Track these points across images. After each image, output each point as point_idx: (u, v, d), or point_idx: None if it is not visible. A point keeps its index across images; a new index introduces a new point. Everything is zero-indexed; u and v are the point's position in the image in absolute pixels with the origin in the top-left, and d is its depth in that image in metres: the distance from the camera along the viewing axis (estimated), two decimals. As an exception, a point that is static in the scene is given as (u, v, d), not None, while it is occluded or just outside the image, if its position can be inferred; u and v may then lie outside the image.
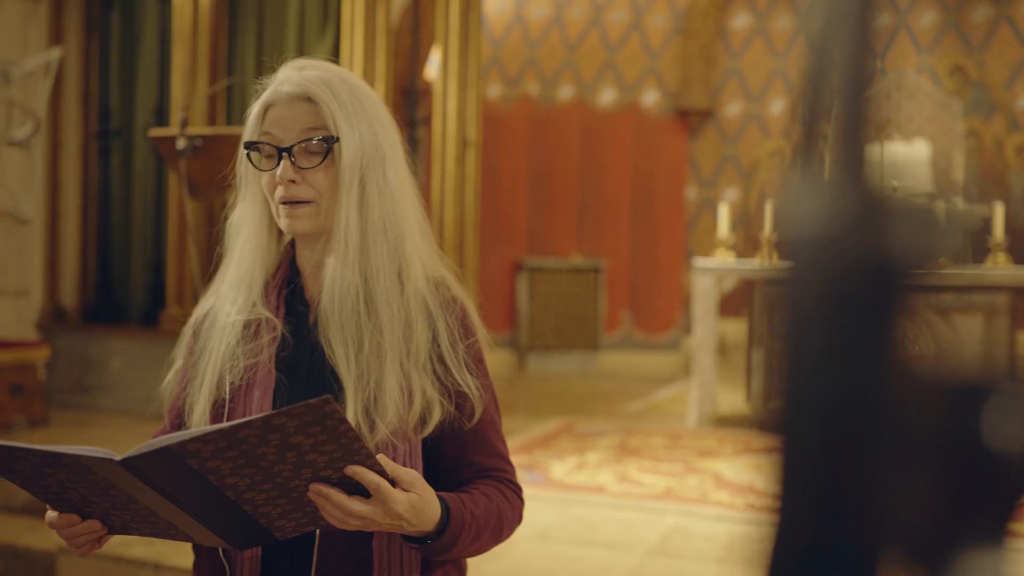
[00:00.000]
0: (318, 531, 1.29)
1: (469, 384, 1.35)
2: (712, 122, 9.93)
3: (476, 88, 5.75)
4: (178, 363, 1.47)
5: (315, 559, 1.29)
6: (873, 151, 0.39)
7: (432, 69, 7.33)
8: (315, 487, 1.13)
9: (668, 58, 9.88)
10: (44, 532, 3.95)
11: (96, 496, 1.18)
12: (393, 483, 1.15)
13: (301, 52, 5.55)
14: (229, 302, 1.40)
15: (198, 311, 1.48)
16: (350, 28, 5.19)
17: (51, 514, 1.26)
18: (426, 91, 7.66)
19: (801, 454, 0.36)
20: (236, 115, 5.69)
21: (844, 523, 0.37)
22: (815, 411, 0.36)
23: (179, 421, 1.43)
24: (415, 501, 1.16)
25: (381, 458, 1.15)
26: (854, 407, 0.35)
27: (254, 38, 5.76)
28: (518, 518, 1.40)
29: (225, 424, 1.05)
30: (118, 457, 1.10)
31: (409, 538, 1.23)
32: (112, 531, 1.27)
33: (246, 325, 1.37)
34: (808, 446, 0.36)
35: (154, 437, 1.50)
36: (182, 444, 1.06)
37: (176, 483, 1.12)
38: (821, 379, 0.35)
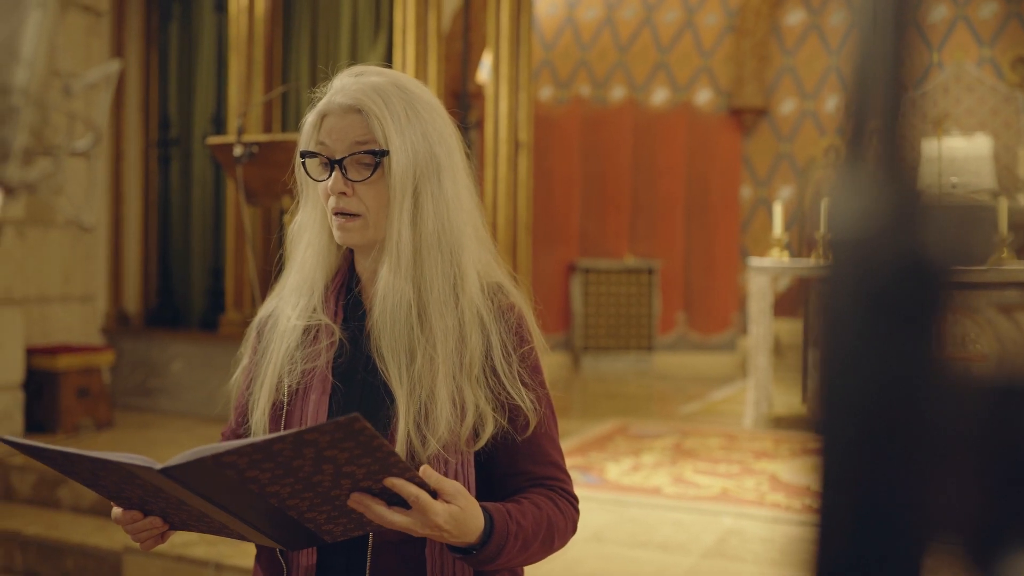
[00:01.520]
0: (371, 535, 1.31)
1: (523, 397, 1.33)
2: (766, 120, 9.83)
3: (528, 91, 5.76)
4: (244, 362, 1.49)
5: (368, 563, 1.31)
6: (920, 147, 0.40)
7: (484, 73, 7.36)
8: (355, 497, 1.14)
9: (721, 57, 9.80)
10: (111, 532, 4.05)
11: (150, 496, 1.22)
12: (435, 494, 1.15)
13: (354, 58, 5.61)
14: (290, 306, 1.42)
15: (262, 312, 1.50)
16: (402, 34, 5.23)
17: (116, 510, 1.29)
18: (478, 95, 7.69)
19: (841, 455, 0.36)
20: (291, 122, 5.77)
21: (885, 524, 0.37)
22: (853, 412, 0.36)
23: (244, 419, 1.46)
24: (455, 513, 1.16)
25: (426, 469, 1.15)
26: (893, 408, 0.35)
27: (308, 45, 5.84)
28: (571, 528, 1.38)
29: (259, 438, 1.07)
30: (158, 465, 1.13)
31: (454, 548, 1.23)
32: (173, 527, 1.30)
33: (306, 330, 1.39)
34: (847, 447, 0.36)
35: (221, 434, 1.54)
36: (217, 456, 1.07)
37: (219, 490, 1.14)
38: (859, 379, 0.36)
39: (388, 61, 5.46)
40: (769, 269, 6.20)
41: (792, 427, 5.99)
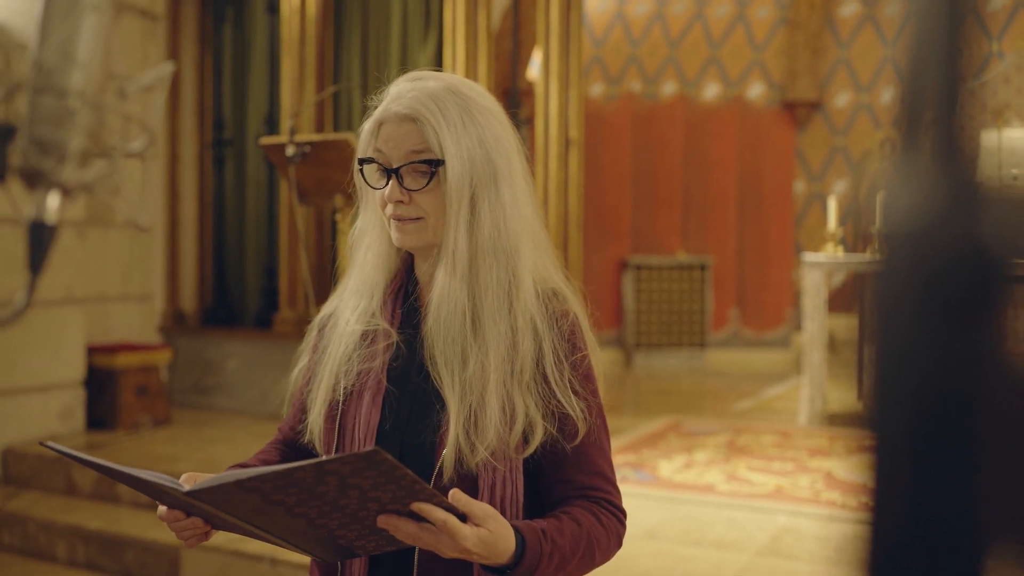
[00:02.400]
0: None
1: (573, 405, 1.32)
2: (820, 114, 9.70)
3: (578, 88, 5.75)
4: (304, 359, 1.51)
5: (416, 567, 1.31)
6: (979, 138, 0.39)
7: (534, 70, 7.36)
8: (383, 518, 1.14)
9: (773, 50, 9.69)
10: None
11: (187, 506, 1.25)
12: (464, 517, 1.15)
13: (404, 58, 5.64)
14: (350, 308, 1.43)
15: (324, 310, 1.52)
16: (452, 33, 5.25)
17: (161, 508, 1.32)
18: (528, 92, 7.69)
19: (896, 452, 0.35)
20: (342, 121, 5.82)
21: (943, 523, 0.36)
22: (908, 409, 0.35)
23: (301, 415, 1.48)
24: (484, 536, 1.15)
25: (455, 493, 1.15)
26: (949, 404, 0.34)
27: (359, 45, 5.88)
28: (615, 542, 1.35)
29: (280, 467, 1.07)
30: (185, 488, 1.16)
31: (487, 568, 1.22)
32: (215, 528, 1.33)
33: (363, 334, 1.40)
34: (902, 444, 0.35)
35: (278, 428, 1.57)
36: (240, 482, 1.09)
37: (247, 511, 1.16)
38: (915, 375, 0.35)
39: (438, 61, 5.48)
40: (823, 264, 6.12)
41: (847, 424, 5.90)
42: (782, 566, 3.66)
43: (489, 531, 1.15)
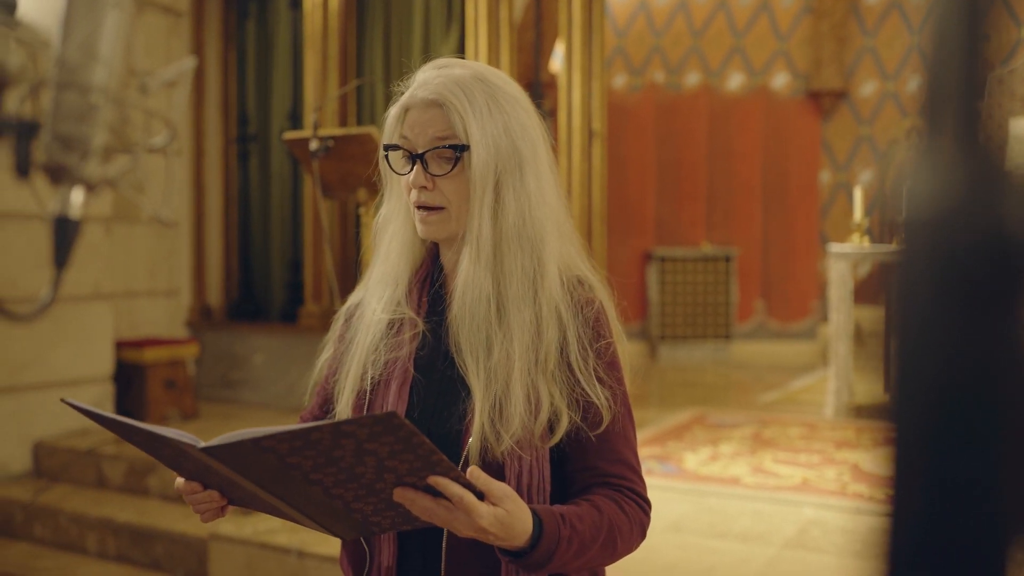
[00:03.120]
0: (446, 529, 1.29)
1: (598, 394, 1.31)
2: (846, 103, 9.62)
3: (601, 79, 5.73)
4: (329, 349, 1.52)
5: (444, 561, 1.31)
6: (1007, 126, 0.38)
7: (556, 62, 7.34)
8: (399, 490, 1.12)
9: (798, 39, 9.62)
10: (198, 520, 4.15)
11: (204, 471, 1.23)
12: (482, 495, 1.13)
13: (427, 51, 5.64)
14: (376, 298, 1.43)
15: (351, 300, 1.52)
16: (474, 26, 5.25)
17: (179, 480, 1.32)
18: (551, 84, 7.68)
19: (916, 443, 0.35)
20: (366, 115, 5.83)
21: (965, 515, 0.36)
22: (929, 399, 0.35)
23: (326, 404, 1.48)
24: (501, 516, 1.13)
25: (474, 471, 1.14)
26: (971, 393, 0.34)
27: (381, 39, 5.89)
28: (639, 532, 1.33)
29: (297, 426, 1.06)
30: (201, 444, 1.15)
31: (504, 551, 1.20)
32: (231, 503, 1.32)
33: (390, 323, 1.40)
34: (923, 434, 0.35)
35: (300, 417, 1.57)
36: (257, 440, 1.08)
37: (263, 475, 1.15)
38: (936, 364, 0.34)
39: (461, 53, 5.48)
40: (850, 255, 6.07)
41: (874, 416, 5.86)
42: (809, 559, 3.64)
43: (506, 511, 1.14)
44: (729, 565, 3.60)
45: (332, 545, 3.60)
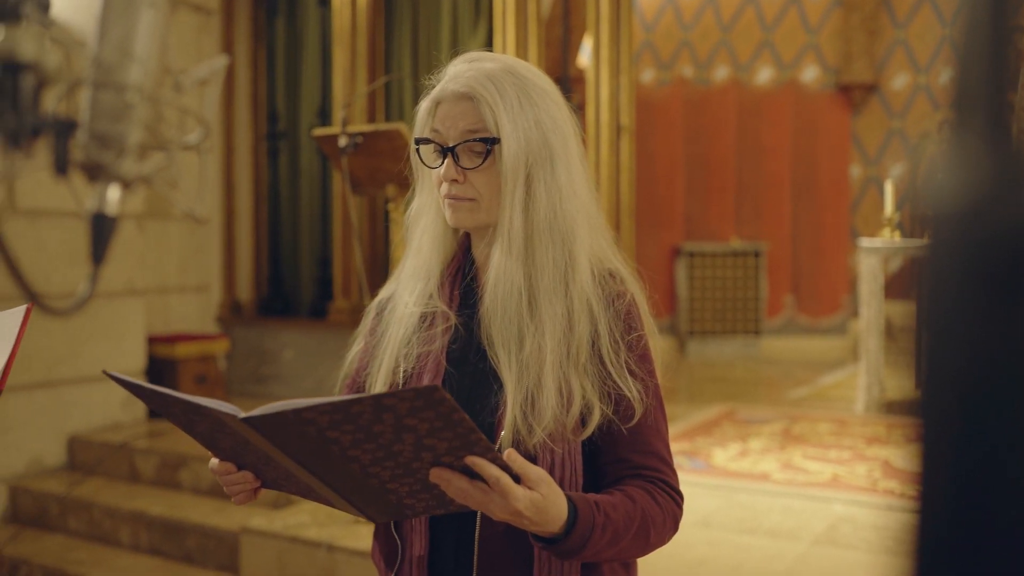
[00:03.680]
0: (479, 520, 1.30)
1: (629, 387, 1.31)
2: (876, 96, 9.53)
3: (629, 74, 5.71)
4: (360, 342, 1.52)
5: (476, 552, 1.31)
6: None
7: (584, 57, 7.32)
8: (436, 471, 1.12)
9: (828, 32, 9.54)
10: (229, 513, 4.20)
11: (240, 448, 1.23)
12: (518, 479, 1.13)
13: (455, 47, 5.65)
14: (408, 292, 1.44)
15: (382, 294, 1.52)
16: (502, 21, 5.25)
17: (213, 460, 1.33)
18: (579, 79, 7.66)
19: (944, 438, 0.35)
20: (394, 111, 5.85)
21: (994, 512, 0.36)
22: (956, 393, 0.35)
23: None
24: (537, 500, 1.13)
25: (510, 453, 1.14)
26: (999, 388, 0.34)
27: (409, 35, 5.90)
28: (671, 523, 1.33)
29: (338, 398, 1.06)
30: (242, 414, 1.15)
31: (537, 538, 1.20)
32: (265, 485, 1.32)
33: (422, 317, 1.41)
34: (951, 429, 0.35)
35: None
36: (298, 411, 1.08)
37: (301, 449, 1.15)
38: (963, 358, 0.34)
39: (489, 48, 5.47)
40: (880, 250, 6.02)
41: (904, 412, 5.82)
42: (839, 555, 3.62)
43: (542, 495, 1.14)
44: (758, 561, 3.59)
45: (362, 539, 3.62)
